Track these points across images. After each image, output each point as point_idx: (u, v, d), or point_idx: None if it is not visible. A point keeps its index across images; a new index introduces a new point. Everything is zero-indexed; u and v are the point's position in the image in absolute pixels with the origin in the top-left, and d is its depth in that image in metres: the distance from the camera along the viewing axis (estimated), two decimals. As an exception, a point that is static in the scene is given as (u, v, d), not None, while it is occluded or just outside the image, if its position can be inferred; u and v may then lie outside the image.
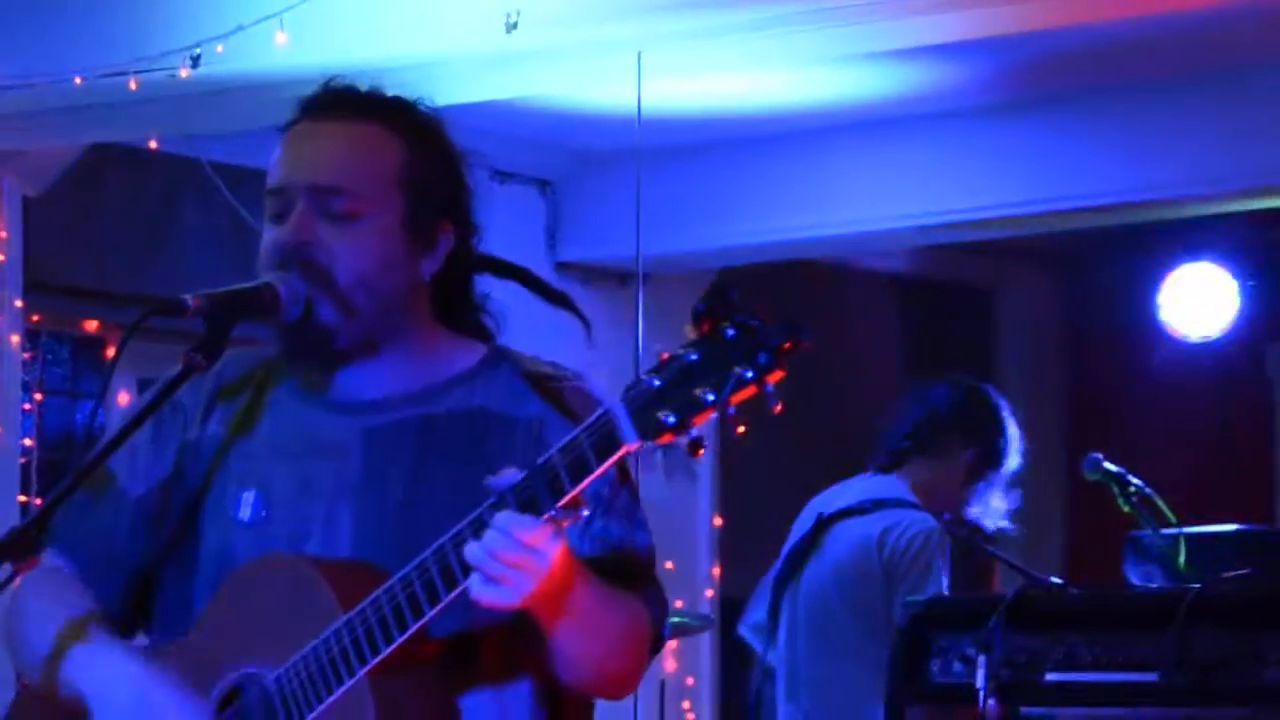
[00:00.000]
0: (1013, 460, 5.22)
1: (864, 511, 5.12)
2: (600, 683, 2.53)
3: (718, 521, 7.60)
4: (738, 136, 6.96)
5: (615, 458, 2.25)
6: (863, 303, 8.44)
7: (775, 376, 2.17)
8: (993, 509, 5.18)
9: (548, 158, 7.37)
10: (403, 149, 2.56)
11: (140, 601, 2.63)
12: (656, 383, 2.19)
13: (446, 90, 4.51)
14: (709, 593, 7.43)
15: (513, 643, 2.46)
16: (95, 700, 2.48)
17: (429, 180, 2.57)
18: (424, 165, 2.57)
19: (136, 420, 2.50)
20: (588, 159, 7.29)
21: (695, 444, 2.20)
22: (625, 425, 2.22)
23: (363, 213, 2.53)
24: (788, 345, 2.17)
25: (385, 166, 2.55)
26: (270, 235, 2.56)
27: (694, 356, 2.18)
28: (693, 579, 7.33)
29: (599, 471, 2.27)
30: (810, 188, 7.04)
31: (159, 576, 2.62)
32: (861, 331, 8.23)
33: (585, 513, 2.32)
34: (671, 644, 6.58)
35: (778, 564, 5.30)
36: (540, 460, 2.29)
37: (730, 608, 7.43)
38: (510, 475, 2.31)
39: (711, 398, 2.17)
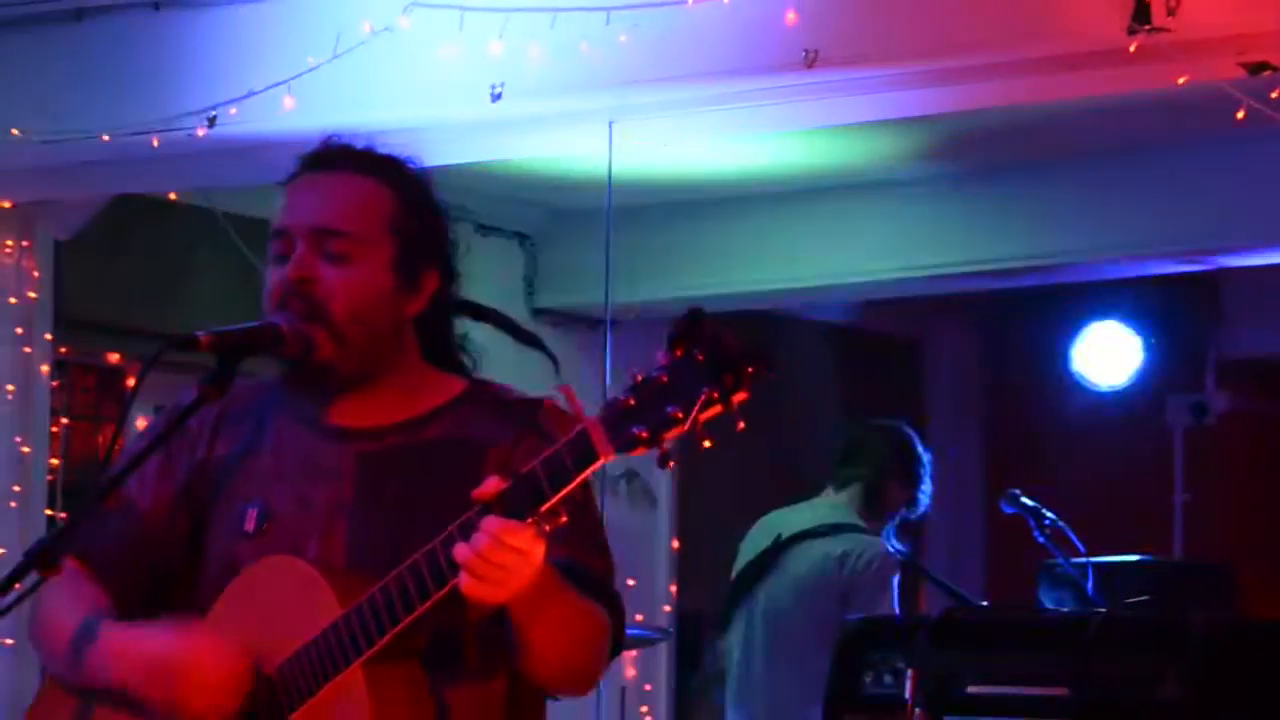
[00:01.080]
0: (923, 502, 5.25)
1: (823, 534, 5.13)
2: (565, 678, 2.49)
3: (675, 544, 7.57)
4: (698, 198, 6.98)
5: (592, 468, 2.24)
6: (804, 349, 8.42)
7: (740, 397, 2.15)
8: (893, 545, 5.19)
9: (527, 214, 7.36)
10: (393, 199, 2.56)
11: (149, 609, 2.59)
12: (632, 401, 2.17)
13: (437, 152, 4.52)
14: (666, 608, 7.39)
15: (494, 643, 2.43)
16: (129, 674, 2.45)
17: (416, 228, 2.57)
18: (412, 215, 2.57)
19: (152, 443, 2.52)
20: (563, 215, 7.30)
21: (665, 457, 2.18)
22: (601, 439, 2.20)
23: (357, 254, 2.52)
24: (751, 369, 2.14)
25: (377, 214, 2.55)
26: (273, 274, 2.54)
27: (666, 377, 2.15)
28: (652, 595, 7.29)
29: (578, 480, 2.25)
30: (760, 246, 7.07)
31: (168, 584, 2.59)
32: (803, 375, 8.21)
33: (564, 519, 2.29)
34: (631, 653, 6.55)
35: (732, 580, 5.29)
36: (524, 470, 2.28)
37: (685, 621, 7.42)
38: (493, 484, 2.29)
39: (681, 415, 2.14)
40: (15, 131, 5.27)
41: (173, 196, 6.32)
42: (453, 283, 2.62)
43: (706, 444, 2.16)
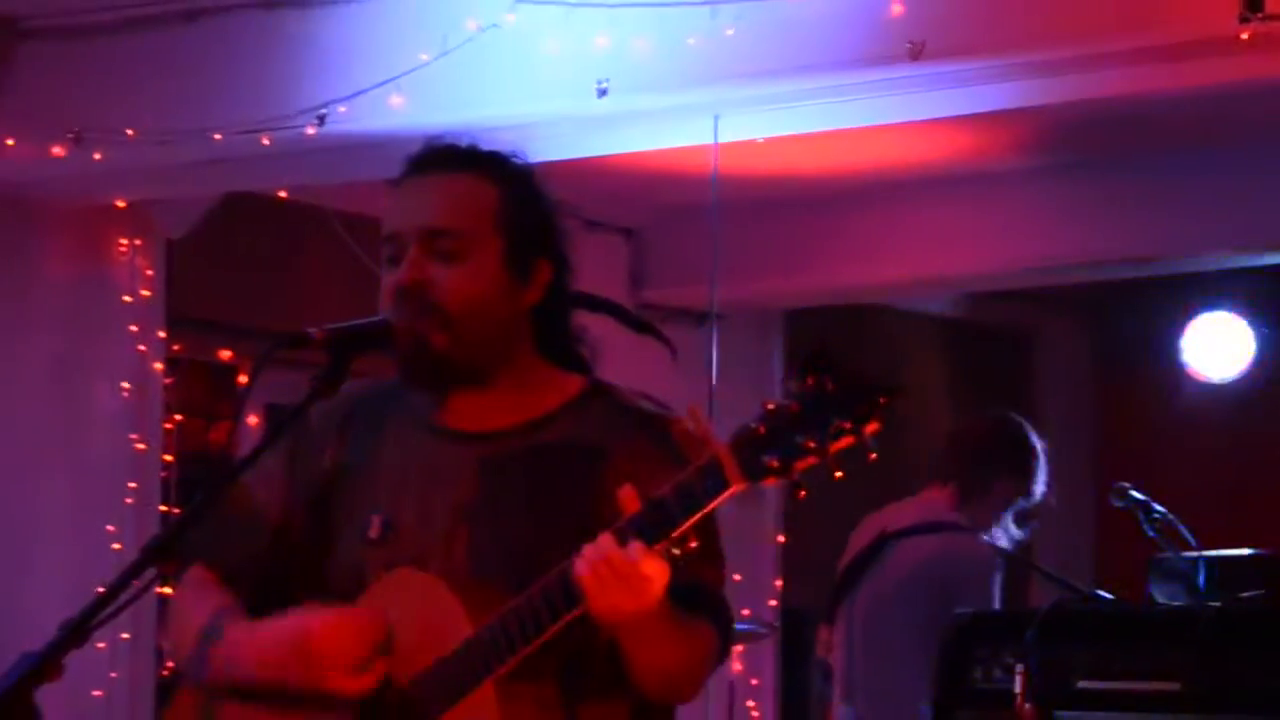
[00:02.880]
0: (1039, 490, 5.19)
1: (925, 531, 5.10)
2: (668, 693, 2.52)
3: (780, 539, 7.57)
4: (803, 192, 6.95)
5: (723, 497, 2.26)
6: (913, 343, 8.39)
7: (873, 427, 2.17)
8: (1010, 534, 5.15)
9: (632, 209, 7.36)
10: (499, 194, 2.57)
11: (273, 610, 2.61)
12: (763, 430, 2.19)
13: (543, 147, 4.55)
14: (772, 602, 7.38)
15: (618, 661, 2.45)
16: (260, 660, 2.48)
17: (524, 222, 2.57)
18: (519, 208, 2.58)
19: (269, 442, 2.52)
20: (667, 210, 7.29)
21: (796, 486, 2.21)
22: (733, 468, 2.22)
23: (466, 251, 2.53)
24: (884, 400, 2.16)
25: (484, 210, 2.56)
26: (387, 277, 2.56)
27: (798, 407, 2.17)
28: (758, 590, 7.28)
29: (707, 508, 2.27)
30: (868, 239, 7.03)
31: (291, 586, 2.61)
32: (911, 368, 8.18)
33: (693, 545, 2.31)
34: (738, 648, 6.54)
35: (836, 576, 5.28)
36: (655, 495, 2.29)
37: (790, 616, 7.41)
38: (629, 500, 2.31)
39: (814, 445, 2.16)
40: (129, 132, 5.34)
41: (282, 194, 6.37)
42: (566, 274, 2.62)
43: (838, 475, 2.18)
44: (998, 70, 4.58)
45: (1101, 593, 4.39)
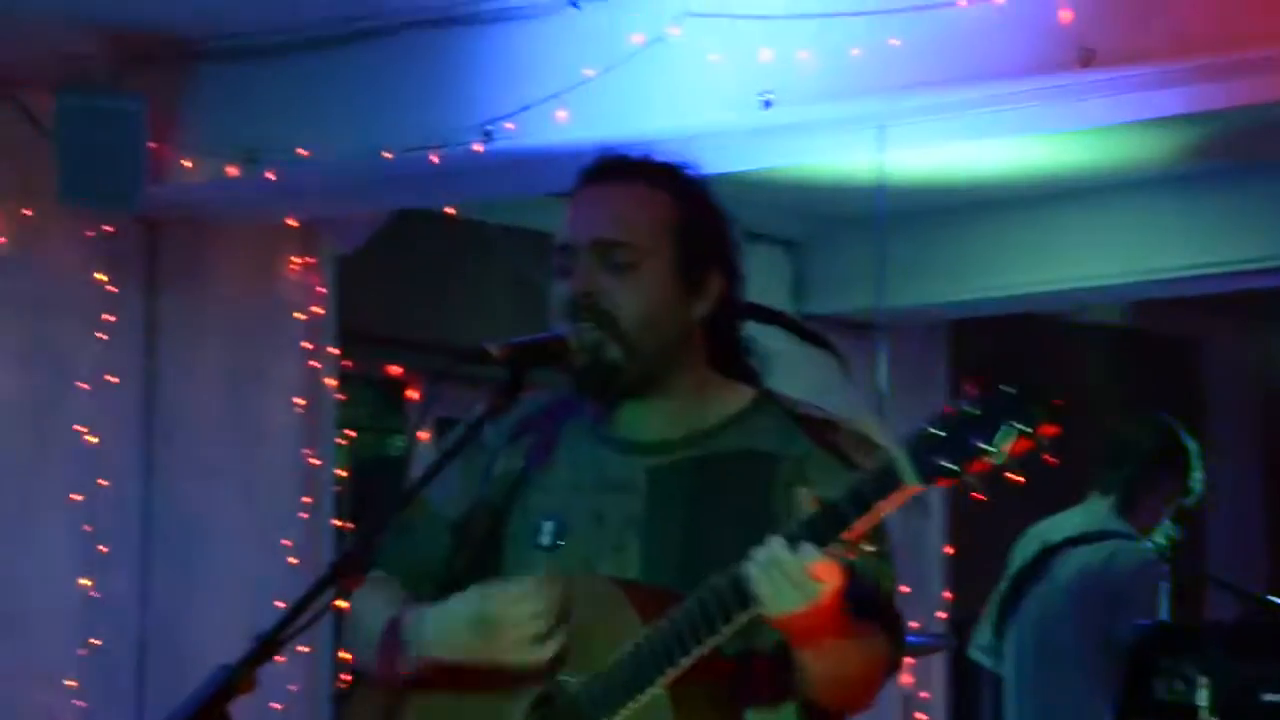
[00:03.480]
0: (1197, 488, 5.13)
1: (1090, 540, 5.04)
2: (839, 702, 2.51)
3: (948, 550, 7.50)
4: (968, 201, 6.89)
5: (896, 498, 2.24)
6: (1078, 352, 8.29)
7: (1050, 430, 2.15)
8: (1171, 536, 5.08)
9: (793, 220, 7.34)
10: (671, 205, 2.57)
11: None
12: (938, 432, 2.18)
13: (708, 160, 4.50)
14: (941, 615, 7.32)
15: (787, 665, 2.44)
16: (440, 642, 2.50)
17: (696, 233, 2.58)
18: (691, 220, 2.58)
19: (448, 454, 2.54)
20: (830, 221, 7.27)
21: (970, 489, 2.19)
22: (907, 469, 2.20)
23: (639, 262, 2.54)
24: (1059, 404, 2.15)
25: (656, 221, 2.56)
26: (560, 288, 2.57)
27: (974, 409, 2.16)
28: (926, 602, 7.23)
29: (881, 510, 2.26)
30: (1032, 247, 6.97)
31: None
32: (1076, 377, 8.08)
33: (867, 548, 2.31)
34: (908, 661, 6.49)
35: (1001, 588, 5.23)
36: (829, 498, 2.28)
37: (959, 628, 7.34)
38: (805, 501, 2.30)
39: (988, 448, 2.15)
40: (302, 151, 5.41)
41: (450, 210, 6.43)
42: (737, 287, 2.62)
43: (1018, 479, 2.17)
44: (1169, 75, 4.51)
45: (1273, 598, 4.30)
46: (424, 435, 6.65)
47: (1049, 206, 6.85)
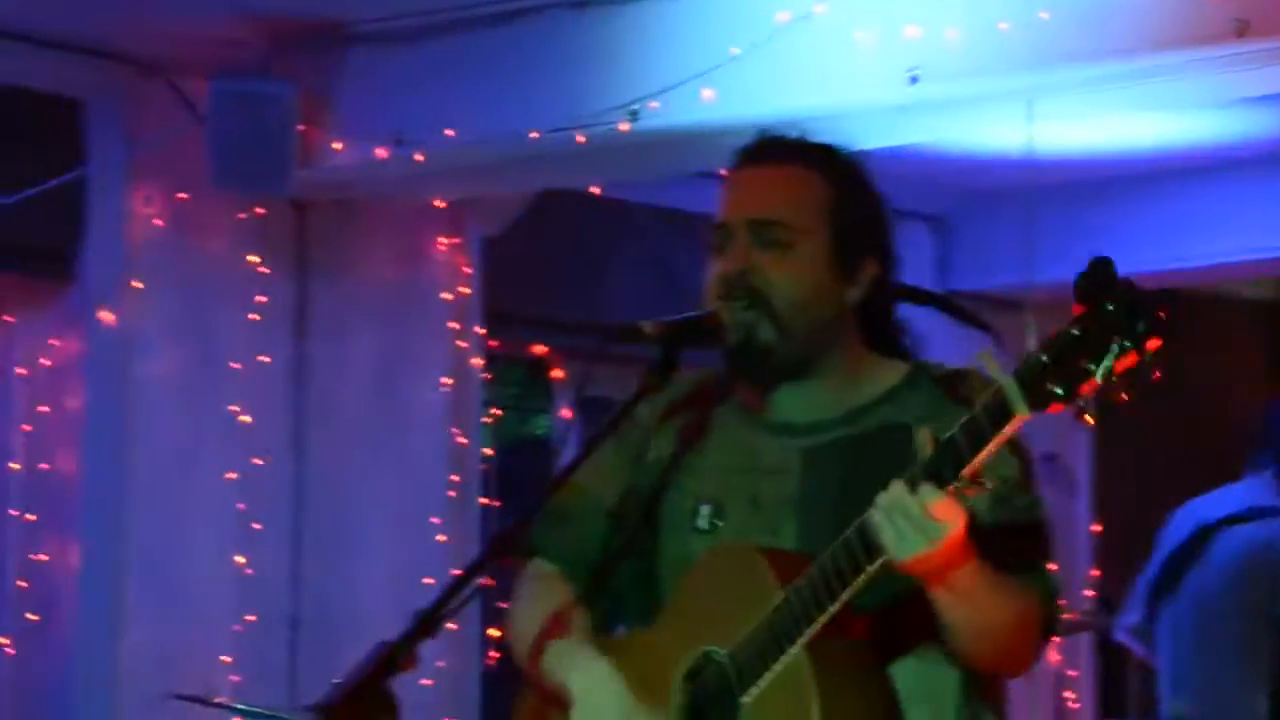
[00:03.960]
0: None
1: (1248, 519, 4.97)
2: (990, 660, 2.48)
3: (1096, 528, 7.43)
4: (1117, 174, 6.81)
5: (1010, 428, 2.22)
6: (1231, 328, 8.16)
7: (1153, 344, 2.12)
8: None
9: (939, 196, 7.29)
10: (827, 187, 2.57)
11: (610, 596, 2.66)
12: (1044, 358, 2.16)
13: (855, 137, 4.48)
14: (1088, 593, 7.25)
15: (928, 616, 2.42)
16: (574, 694, 2.54)
17: (852, 215, 2.57)
18: (847, 202, 2.57)
19: (603, 435, 2.55)
20: (975, 196, 7.21)
21: (1081, 412, 2.16)
22: (1016, 397, 2.18)
23: (794, 243, 2.54)
24: (1162, 313, 2.12)
25: (812, 202, 2.56)
26: (713, 267, 2.57)
27: (1076, 331, 2.14)
28: (1073, 580, 7.16)
29: (996, 442, 2.24)
30: (1183, 221, 6.86)
31: (624, 575, 2.64)
32: (1228, 354, 7.96)
33: (988, 485, 2.28)
34: (1056, 640, 6.44)
35: (1152, 569, 5.16)
36: (943, 436, 2.28)
37: (1108, 606, 7.26)
38: (925, 443, 2.31)
39: (1095, 367, 2.12)
40: (449, 132, 5.45)
41: (595, 190, 6.44)
42: (891, 268, 2.61)
43: (1124, 397, 2.14)
44: (1326, 45, 4.44)
45: None
46: (567, 413, 6.74)
47: (1200, 179, 6.75)
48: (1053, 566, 2.53)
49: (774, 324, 2.52)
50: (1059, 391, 2.14)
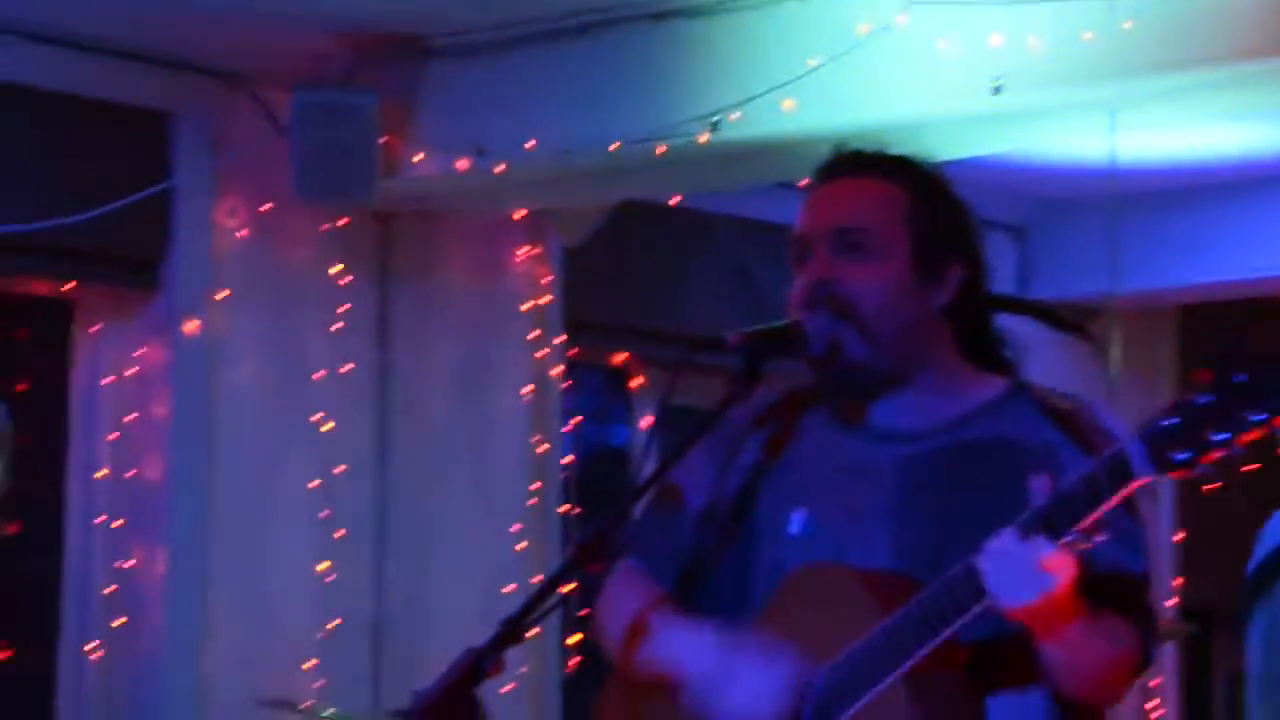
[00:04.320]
0: None
1: None
2: (1086, 695, 2.48)
3: (1178, 536, 7.37)
4: (1200, 183, 6.76)
5: (1128, 489, 2.23)
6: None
7: None
8: None
9: (1020, 205, 7.26)
10: (907, 196, 2.57)
11: (699, 599, 2.65)
12: (1170, 422, 2.17)
13: (937, 147, 4.49)
14: (1171, 601, 7.20)
15: (1028, 652, 2.43)
16: (680, 669, 2.51)
17: (931, 221, 2.57)
18: (927, 209, 2.58)
19: (692, 441, 2.55)
20: (1056, 206, 7.18)
21: (1204, 481, 2.17)
22: (1140, 460, 2.19)
23: (875, 250, 2.54)
24: None
25: (891, 211, 2.56)
26: (796, 279, 2.58)
27: (1206, 399, 2.15)
28: (1157, 589, 7.10)
29: (1112, 501, 2.25)
30: (1268, 229, 6.80)
31: (714, 580, 2.64)
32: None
33: (1098, 539, 2.29)
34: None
35: (1249, 570, 5.10)
36: (1060, 488, 2.28)
37: (1191, 617, 7.21)
38: (1040, 492, 2.30)
39: (1223, 438, 2.14)
40: (529, 144, 5.47)
41: (674, 201, 6.45)
42: (981, 275, 2.61)
43: (1250, 468, 2.15)
44: None
45: None
46: (647, 421, 6.75)
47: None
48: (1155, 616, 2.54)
49: (860, 333, 2.52)
50: (1183, 458, 2.16)
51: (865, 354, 2.53)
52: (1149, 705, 7.11)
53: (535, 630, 6.05)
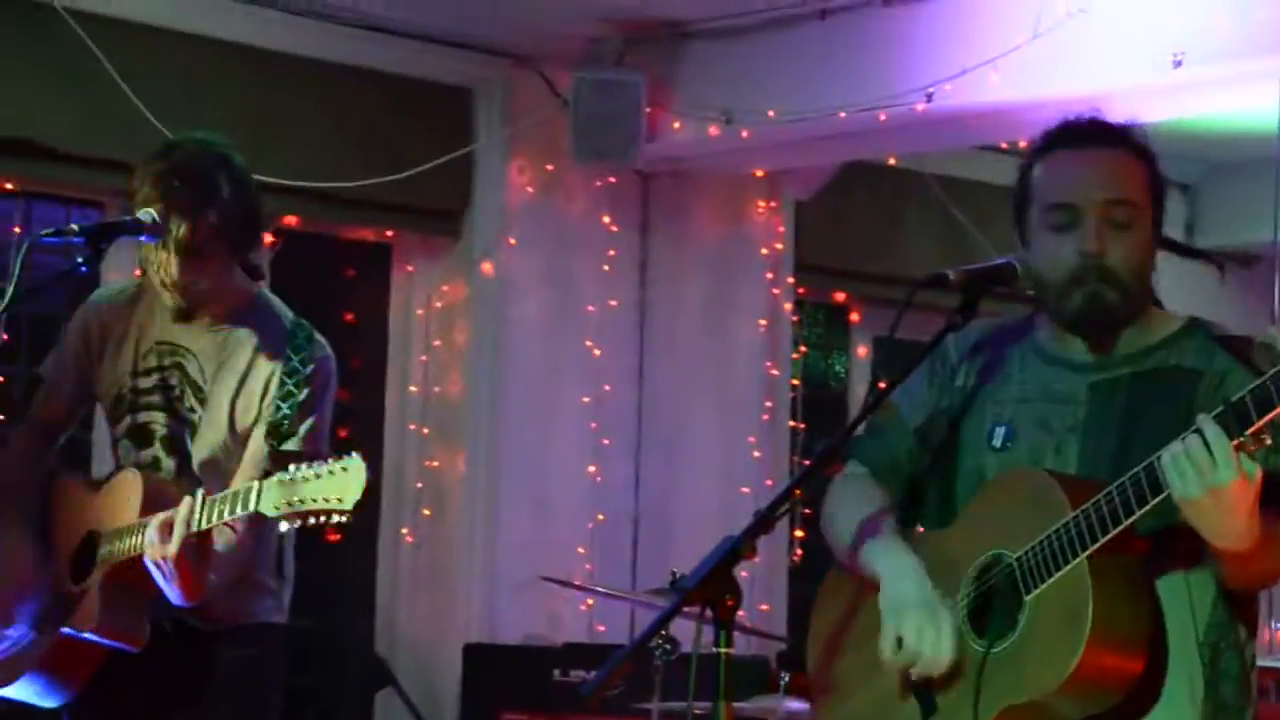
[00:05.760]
0: None
1: None
2: (1245, 583, 2.42)
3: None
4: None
5: None
6: None
7: None
8: None
9: (1188, 166, 7.03)
10: (1146, 169, 2.50)
11: (913, 501, 2.63)
12: None
13: (1120, 116, 4.36)
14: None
15: (1195, 542, 2.36)
16: (883, 580, 2.52)
17: (1161, 190, 2.51)
18: (1159, 180, 2.52)
19: (915, 366, 2.54)
20: (1222, 167, 6.94)
21: None
22: None
23: (1134, 221, 2.47)
24: None
25: (1144, 182, 2.49)
26: (1059, 243, 2.47)
27: None
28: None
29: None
30: None
31: (926, 485, 2.62)
32: None
33: (1267, 441, 2.22)
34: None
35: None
36: (1233, 397, 2.22)
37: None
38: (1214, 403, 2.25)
39: None
40: (770, 113, 5.43)
41: (891, 161, 6.37)
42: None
43: None
44: None
45: None
46: (862, 351, 6.67)
47: None
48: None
49: (1121, 295, 2.46)
50: None
51: (1120, 309, 2.48)
52: None
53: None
